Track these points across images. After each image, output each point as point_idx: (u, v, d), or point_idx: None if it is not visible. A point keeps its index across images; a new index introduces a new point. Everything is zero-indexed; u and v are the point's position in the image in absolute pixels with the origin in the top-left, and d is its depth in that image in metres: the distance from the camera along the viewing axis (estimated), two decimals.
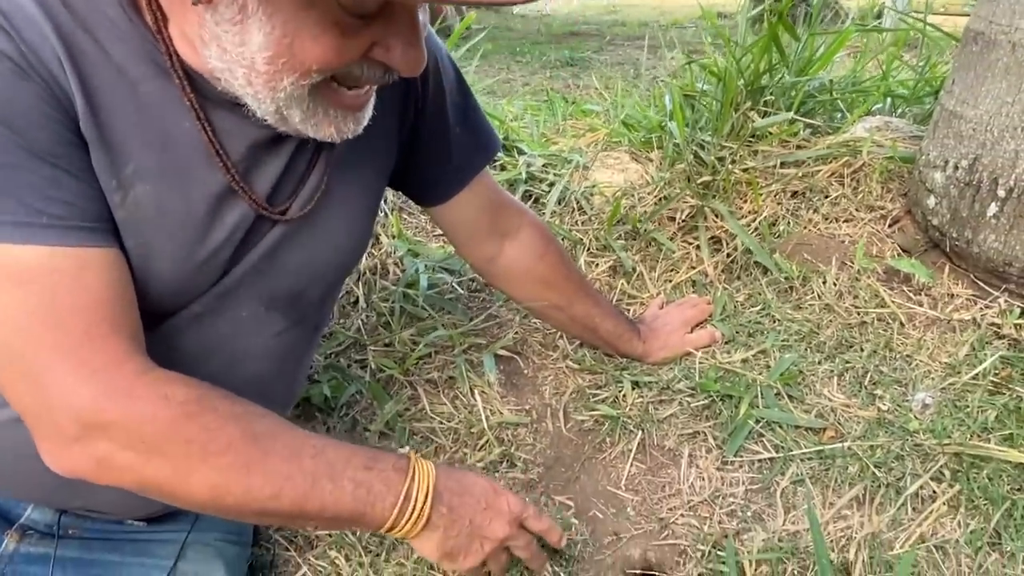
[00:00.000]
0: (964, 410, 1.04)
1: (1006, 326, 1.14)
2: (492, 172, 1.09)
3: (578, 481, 1.06)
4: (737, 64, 1.55)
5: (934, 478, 0.97)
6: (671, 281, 1.42)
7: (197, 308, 0.74)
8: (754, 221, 1.44)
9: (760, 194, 1.46)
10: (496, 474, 1.07)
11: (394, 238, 1.51)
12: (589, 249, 1.47)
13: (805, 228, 1.42)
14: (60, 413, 0.61)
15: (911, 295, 1.25)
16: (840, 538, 0.93)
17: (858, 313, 1.23)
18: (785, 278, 1.33)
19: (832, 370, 1.14)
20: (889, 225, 1.38)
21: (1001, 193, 1.11)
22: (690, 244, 1.47)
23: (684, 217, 1.48)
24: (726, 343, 1.24)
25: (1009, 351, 1.11)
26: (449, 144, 0.94)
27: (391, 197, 1.59)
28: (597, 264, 1.45)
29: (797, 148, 1.54)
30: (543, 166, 1.67)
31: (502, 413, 1.16)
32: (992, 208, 1.13)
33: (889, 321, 1.21)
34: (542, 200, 1.58)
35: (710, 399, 1.12)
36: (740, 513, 0.98)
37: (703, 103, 1.66)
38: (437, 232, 1.58)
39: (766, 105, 1.59)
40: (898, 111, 1.83)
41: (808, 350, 1.19)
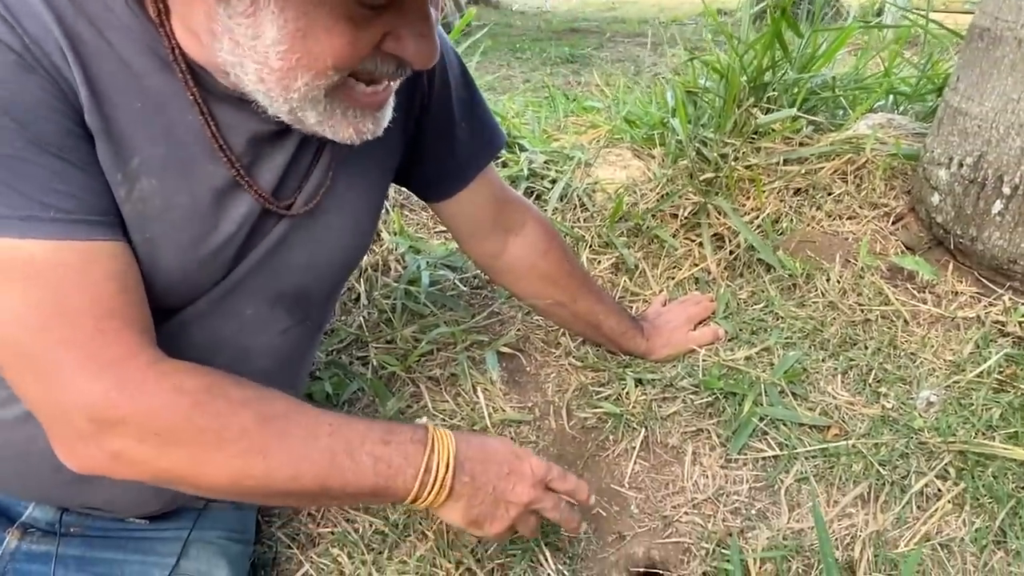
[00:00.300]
0: (969, 408, 1.04)
1: (1010, 324, 1.14)
2: (494, 168, 1.09)
3: (581, 479, 1.05)
4: (740, 60, 1.54)
5: (939, 476, 0.97)
6: (674, 278, 1.41)
7: (203, 305, 0.74)
8: (757, 218, 1.44)
9: (763, 191, 1.46)
10: None
11: (395, 234, 1.50)
12: (591, 246, 1.47)
13: (808, 225, 1.41)
14: (73, 411, 0.60)
15: (915, 292, 1.24)
16: (845, 536, 0.93)
17: (862, 310, 1.23)
18: (788, 275, 1.32)
19: (836, 368, 1.14)
20: (893, 222, 1.37)
21: (1006, 190, 1.11)
22: (693, 241, 1.46)
23: (687, 214, 1.47)
24: (729, 340, 1.23)
25: (1013, 349, 1.11)
26: (454, 140, 0.94)
27: (392, 193, 1.59)
28: (599, 261, 1.45)
29: (800, 145, 1.54)
30: (545, 163, 1.67)
31: (505, 410, 1.15)
32: (997, 205, 1.12)
33: (893, 319, 1.20)
34: (544, 197, 1.57)
35: (714, 396, 1.12)
36: (744, 511, 0.98)
37: (705, 99, 1.66)
38: (439, 228, 1.58)
39: (769, 102, 1.58)
40: (900, 108, 1.83)
41: (812, 347, 1.18)
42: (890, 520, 0.93)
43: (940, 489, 0.95)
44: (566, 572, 0.94)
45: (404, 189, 1.01)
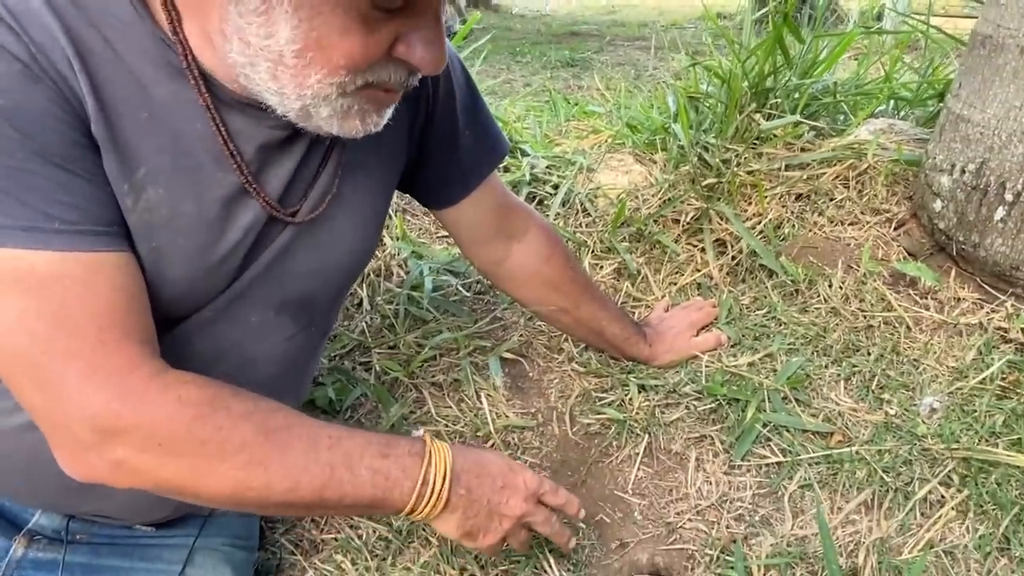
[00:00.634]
0: (972, 415, 1.04)
1: (1013, 330, 1.14)
2: (498, 175, 1.09)
3: (585, 485, 1.06)
4: (742, 66, 1.54)
5: (942, 483, 0.97)
6: (676, 284, 1.42)
7: (208, 313, 0.74)
8: (759, 224, 1.44)
9: (765, 197, 1.46)
10: None
11: (398, 240, 1.51)
12: (594, 251, 1.47)
13: (810, 231, 1.42)
14: (75, 420, 0.60)
15: (917, 299, 1.25)
16: (849, 543, 0.93)
17: (864, 317, 1.23)
18: (791, 281, 1.33)
19: (839, 374, 1.14)
20: (895, 228, 1.38)
21: (1009, 197, 1.11)
22: (695, 247, 1.46)
23: (689, 219, 1.47)
24: (732, 346, 1.23)
25: (1016, 355, 1.11)
26: (458, 147, 0.94)
27: (395, 199, 1.59)
28: (602, 266, 1.45)
29: (802, 150, 1.54)
30: (547, 168, 1.67)
31: (508, 416, 1.16)
32: (999, 212, 1.13)
33: (896, 325, 1.21)
34: (546, 202, 1.58)
35: (717, 403, 1.12)
36: (748, 517, 0.98)
37: (707, 105, 1.66)
38: (441, 234, 1.58)
39: (771, 107, 1.59)
40: (901, 113, 1.83)
41: (815, 354, 1.18)
42: (894, 527, 0.94)
43: (944, 496, 0.96)
44: None
45: (406, 195, 1.02)
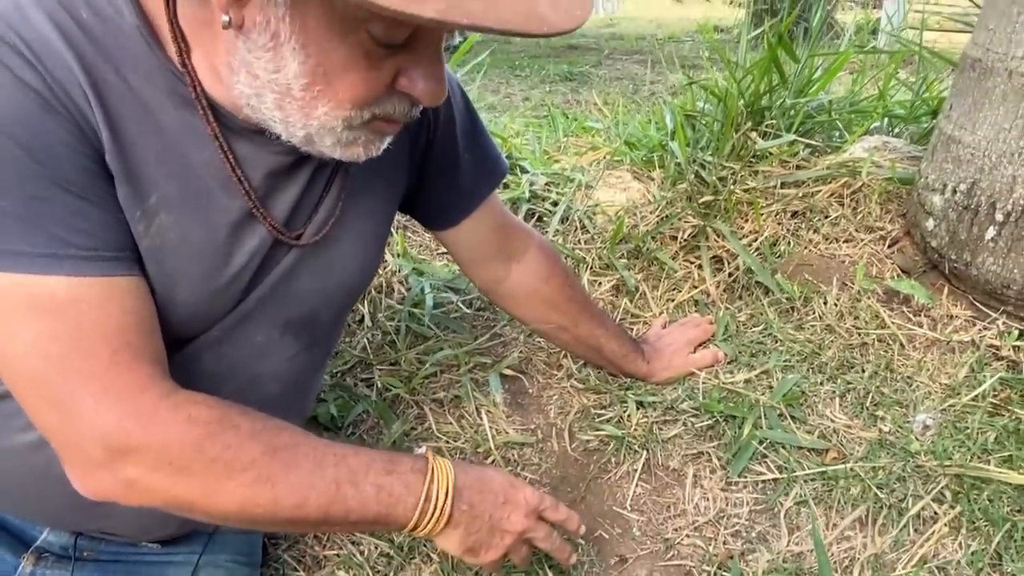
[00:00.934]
0: (964, 432, 1.06)
1: (1004, 348, 1.16)
2: (497, 196, 1.11)
3: (584, 501, 1.07)
4: (738, 85, 1.57)
5: (935, 499, 0.98)
6: (673, 300, 1.44)
7: (215, 333, 0.76)
8: (755, 241, 1.46)
9: (761, 214, 1.48)
10: None
11: (399, 257, 1.52)
12: (592, 268, 1.49)
13: (806, 248, 1.44)
14: (87, 439, 0.62)
15: (911, 316, 1.27)
16: (844, 559, 0.95)
17: (859, 334, 1.25)
18: (787, 298, 1.35)
19: (834, 391, 1.16)
20: (888, 246, 1.40)
21: (999, 217, 1.13)
22: (692, 263, 1.48)
23: (686, 236, 1.49)
24: (729, 363, 1.25)
25: (1008, 373, 1.13)
26: (458, 170, 0.96)
27: (396, 218, 1.61)
28: (600, 283, 1.47)
29: (797, 168, 1.56)
30: (546, 184, 1.69)
31: (508, 432, 1.17)
32: (990, 231, 1.15)
33: (890, 342, 1.23)
34: (545, 219, 1.60)
35: (714, 419, 1.14)
36: (745, 534, 0.99)
37: (704, 123, 1.68)
38: (441, 250, 1.60)
39: (766, 125, 1.61)
40: (895, 130, 1.86)
41: (810, 371, 1.20)
42: (888, 543, 0.95)
43: (936, 512, 0.97)
44: None
45: (407, 215, 1.04)
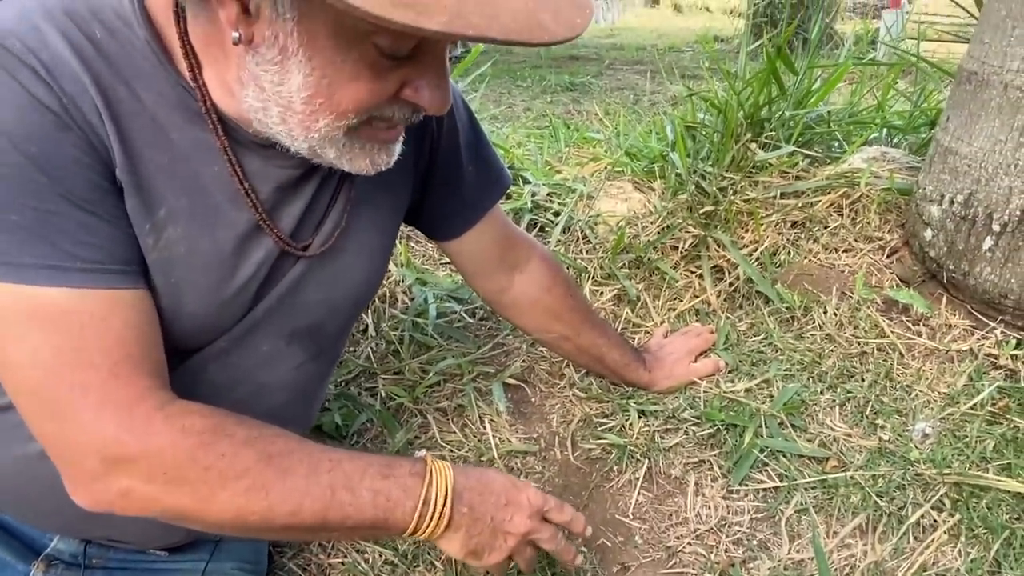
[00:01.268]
0: (963, 440, 1.07)
1: (1003, 357, 1.17)
2: (500, 208, 1.13)
3: (586, 509, 1.08)
4: (737, 97, 1.59)
5: (935, 507, 0.99)
6: (675, 310, 1.45)
7: (223, 343, 0.77)
8: (755, 251, 1.48)
9: (761, 224, 1.49)
10: None
11: (403, 267, 1.54)
12: (594, 278, 1.50)
13: (805, 258, 1.45)
14: (83, 450, 0.63)
15: (910, 325, 1.28)
16: (844, 567, 0.95)
17: (858, 343, 1.26)
18: (787, 308, 1.36)
19: (834, 400, 1.17)
20: (887, 256, 1.41)
21: (996, 228, 1.15)
22: (693, 273, 1.49)
23: (687, 246, 1.51)
24: (730, 372, 1.26)
25: (1006, 381, 1.14)
26: (462, 182, 0.98)
27: (400, 227, 1.62)
28: (602, 292, 1.48)
29: (796, 179, 1.58)
30: (548, 195, 1.71)
31: (511, 441, 1.18)
32: (987, 242, 1.16)
33: (889, 351, 1.24)
34: (547, 229, 1.61)
35: (715, 428, 1.15)
36: (746, 542, 1.00)
37: (704, 134, 1.70)
38: (444, 260, 1.61)
39: (766, 137, 1.63)
40: (894, 141, 1.88)
41: (810, 380, 1.21)
42: (888, 551, 0.96)
43: (936, 520, 0.98)
44: None
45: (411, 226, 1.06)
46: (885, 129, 1.88)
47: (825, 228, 1.49)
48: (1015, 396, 1.12)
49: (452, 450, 1.17)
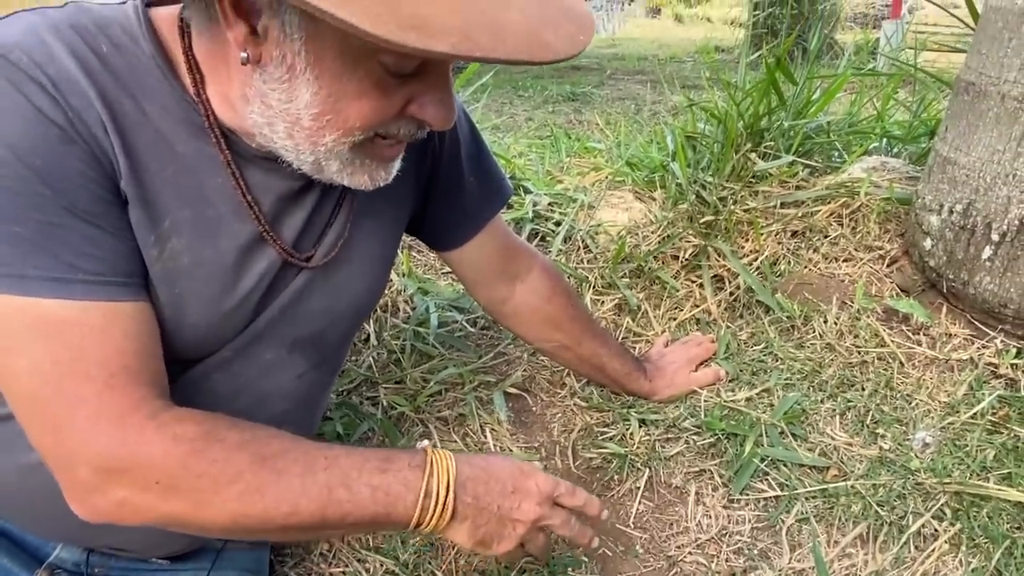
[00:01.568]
0: (963, 449, 1.07)
1: (1003, 366, 1.17)
2: (501, 218, 1.14)
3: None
4: (737, 108, 1.60)
5: (935, 517, 0.99)
6: (675, 319, 1.45)
7: (225, 353, 0.78)
8: (756, 260, 1.48)
9: (761, 234, 1.50)
10: None
11: (404, 276, 1.55)
12: (595, 287, 1.51)
13: (806, 267, 1.45)
14: (79, 462, 0.63)
15: (910, 334, 1.28)
16: None
17: (859, 352, 1.26)
18: (787, 317, 1.36)
19: (834, 409, 1.17)
20: (887, 265, 1.41)
21: (995, 237, 1.15)
22: (693, 282, 1.50)
23: (687, 256, 1.51)
24: (730, 381, 1.26)
25: (1006, 391, 1.14)
26: (463, 193, 0.98)
27: (402, 237, 1.63)
28: (603, 302, 1.49)
29: (796, 188, 1.58)
30: (549, 205, 1.71)
31: (512, 450, 1.18)
32: (987, 251, 1.16)
33: (889, 360, 1.24)
34: (548, 238, 1.62)
35: (716, 437, 1.15)
36: (747, 551, 1.00)
37: (704, 144, 1.71)
38: (446, 270, 1.62)
39: (766, 147, 1.64)
40: (894, 150, 1.88)
41: (811, 389, 1.21)
42: (889, 560, 0.96)
43: (937, 529, 0.98)
44: None
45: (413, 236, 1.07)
46: (885, 139, 1.89)
47: (825, 238, 1.49)
48: (1015, 405, 1.12)
49: None
